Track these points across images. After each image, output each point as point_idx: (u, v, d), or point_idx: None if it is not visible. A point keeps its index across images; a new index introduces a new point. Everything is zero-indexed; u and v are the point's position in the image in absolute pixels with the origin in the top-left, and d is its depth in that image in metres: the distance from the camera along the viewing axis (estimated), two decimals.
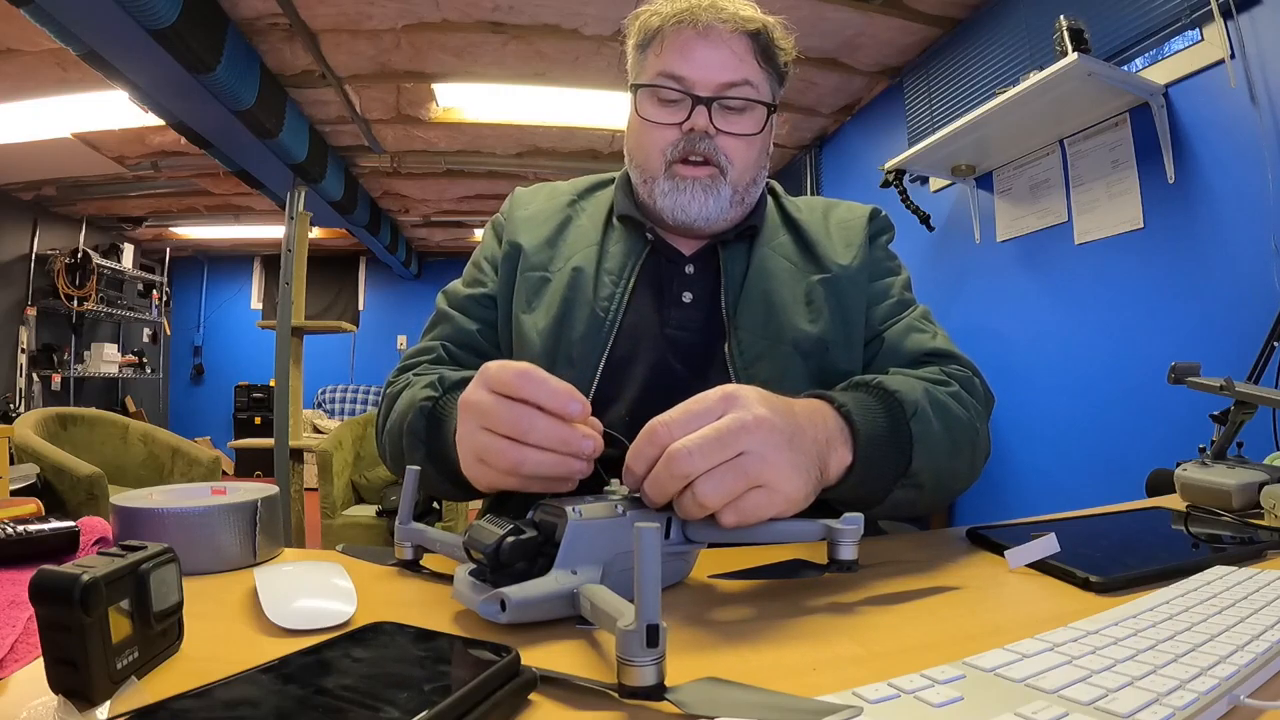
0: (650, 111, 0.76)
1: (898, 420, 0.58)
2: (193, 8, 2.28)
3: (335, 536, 2.66)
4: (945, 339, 0.77)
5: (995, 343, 2.56)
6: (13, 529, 0.51)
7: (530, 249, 0.81)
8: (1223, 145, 1.80)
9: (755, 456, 0.44)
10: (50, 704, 0.30)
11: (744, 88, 0.74)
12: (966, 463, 0.66)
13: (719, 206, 0.76)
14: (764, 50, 0.76)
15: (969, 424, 0.66)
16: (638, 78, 0.79)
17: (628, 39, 0.81)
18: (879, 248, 0.85)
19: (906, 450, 0.57)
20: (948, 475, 0.63)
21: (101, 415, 3.13)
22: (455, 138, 3.96)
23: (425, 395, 0.66)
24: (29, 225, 5.10)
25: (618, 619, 0.32)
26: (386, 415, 0.73)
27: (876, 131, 3.37)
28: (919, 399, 0.60)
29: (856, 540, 0.48)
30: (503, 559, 0.41)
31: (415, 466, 0.53)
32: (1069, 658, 0.32)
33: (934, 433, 0.60)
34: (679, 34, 0.74)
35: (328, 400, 6.70)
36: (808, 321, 0.75)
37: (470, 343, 0.80)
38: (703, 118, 0.73)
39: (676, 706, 0.30)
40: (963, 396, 0.68)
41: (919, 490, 0.59)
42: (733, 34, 0.74)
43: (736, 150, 0.75)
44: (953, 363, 0.74)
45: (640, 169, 0.79)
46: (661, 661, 0.31)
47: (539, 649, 0.38)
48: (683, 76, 0.74)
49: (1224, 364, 1.02)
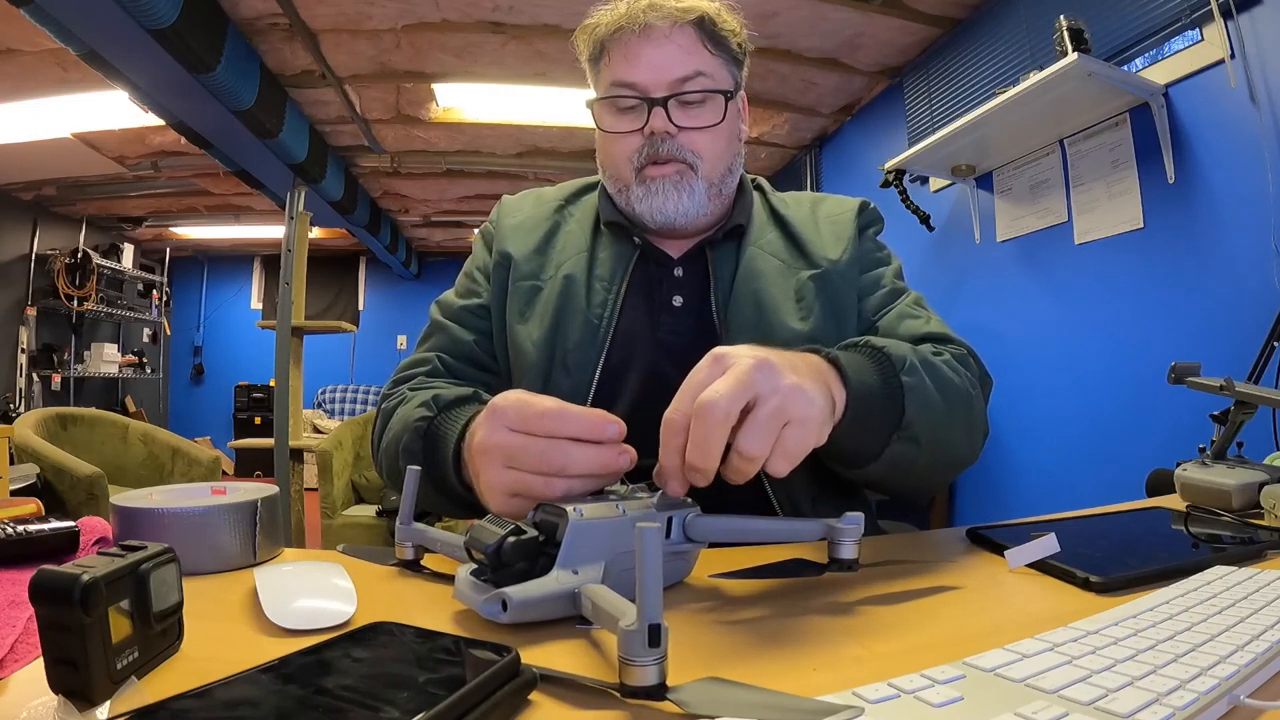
0: (609, 123, 0.76)
1: (887, 372, 0.57)
2: (193, 8, 2.28)
3: (335, 536, 2.66)
4: (940, 323, 0.77)
5: (995, 343, 2.56)
6: (13, 529, 0.51)
7: (520, 258, 0.80)
8: (1223, 145, 1.80)
9: (771, 392, 0.44)
10: (50, 704, 0.30)
11: (697, 79, 0.74)
12: (963, 428, 0.65)
13: (695, 202, 0.75)
14: (711, 36, 0.75)
15: (962, 388, 0.65)
16: (595, 92, 0.79)
17: (580, 55, 0.80)
18: (868, 239, 0.84)
19: (898, 399, 0.56)
20: (944, 434, 0.62)
21: (101, 415, 3.13)
22: (455, 138, 3.96)
23: (420, 415, 0.65)
24: (29, 225, 5.10)
25: (619, 619, 0.32)
26: (382, 431, 0.73)
27: (876, 131, 3.37)
28: (907, 354, 0.59)
29: (857, 539, 0.48)
30: (504, 559, 0.41)
31: (416, 467, 0.52)
32: (1069, 658, 0.32)
33: (926, 387, 0.59)
34: (621, 40, 0.74)
35: (328, 400, 6.70)
36: (798, 319, 0.75)
37: (467, 353, 0.79)
38: (660, 119, 0.73)
39: (678, 706, 0.30)
40: (955, 365, 0.67)
41: (916, 446, 0.58)
42: (673, 28, 0.73)
43: (702, 143, 0.75)
44: (949, 344, 0.74)
45: (613, 179, 0.79)
46: (663, 661, 0.31)
47: (539, 648, 0.38)
48: (633, 82, 0.73)
49: (1224, 364, 1.02)
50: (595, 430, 0.46)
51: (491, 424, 0.49)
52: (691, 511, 0.48)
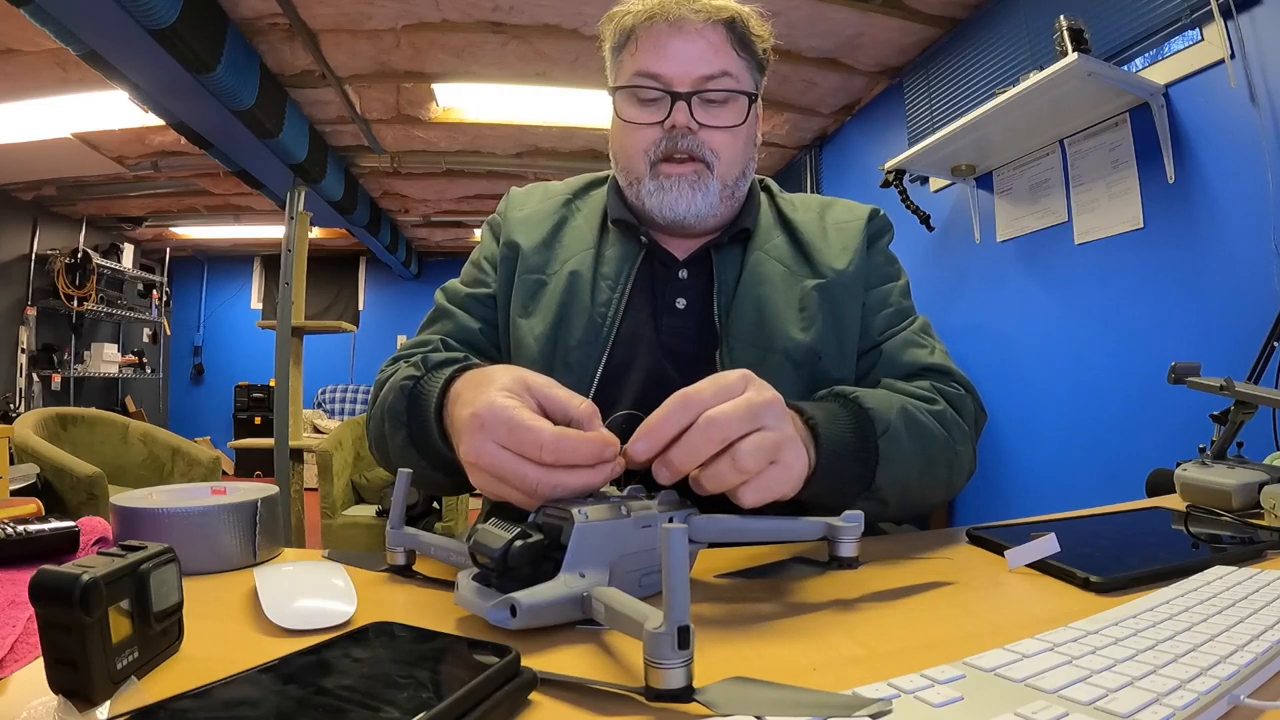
0: (630, 113, 0.75)
1: (867, 436, 0.58)
2: (193, 8, 2.28)
3: (335, 536, 2.66)
4: (943, 354, 0.77)
5: (995, 343, 2.56)
6: (13, 529, 0.51)
7: (528, 249, 0.80)
8: (1223, 145, 1.80)
9: (774, 432, 0.46)
10: (50, 704, 0.30)
11: (723, 79, 0.73)
12: (941, 482, 0.67)
13: (708, 202, 0.75)
14: (740, 39, 0.75)
15: (946, 444, 0.66)
16: (615, 80, 0.78)
17: (603, 43, 0.80)
18: (878, 251, 0.83)
19: (871, 466, 0.58)
20: (916, 493, 0.63)
21: (101, 415, 3.13)
22: (455, 138, 3.96)
23: (406, 374, 0.64)
24: (29, 225, 5.11)
25: (643, 621, 0.31)
26: (374, 401, 0.71)
27: (876, 131, 3.37)
28: (892, 418, 0.60)
29: (857, 537, 0.48)
30: (511, 563, 0.40)
31: (407, 470, 0.51)
32: (1069, 658, 0.32)
33: (904, 452, 0.60)
34: (652, 30, 0.73)
35: (328, 400, 6.70)
36: (800, 329, 0.74)
37: (471, 340, 0.79)
38: (683, 114, 0.72)
39: (707, 708, 0.29)
40: (947, 416, 0.68)
41: (883, 505, 0.60)
42: (706, 24, 0.73)
43: (721, 143, 0.74)
44: (948, 380, 0.74)
45: (625, 172, 0.78)
46: (691, 663, 0.30)
47: (539, 648, 0.38)
48: (659, 73, 0.73)
49: (1224, 364, 1.02)
50: (594, 458, 0.44)
51: (479, 437, 0.45)
52: (691, 512, 0.48)
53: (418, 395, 0.61)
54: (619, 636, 0.39)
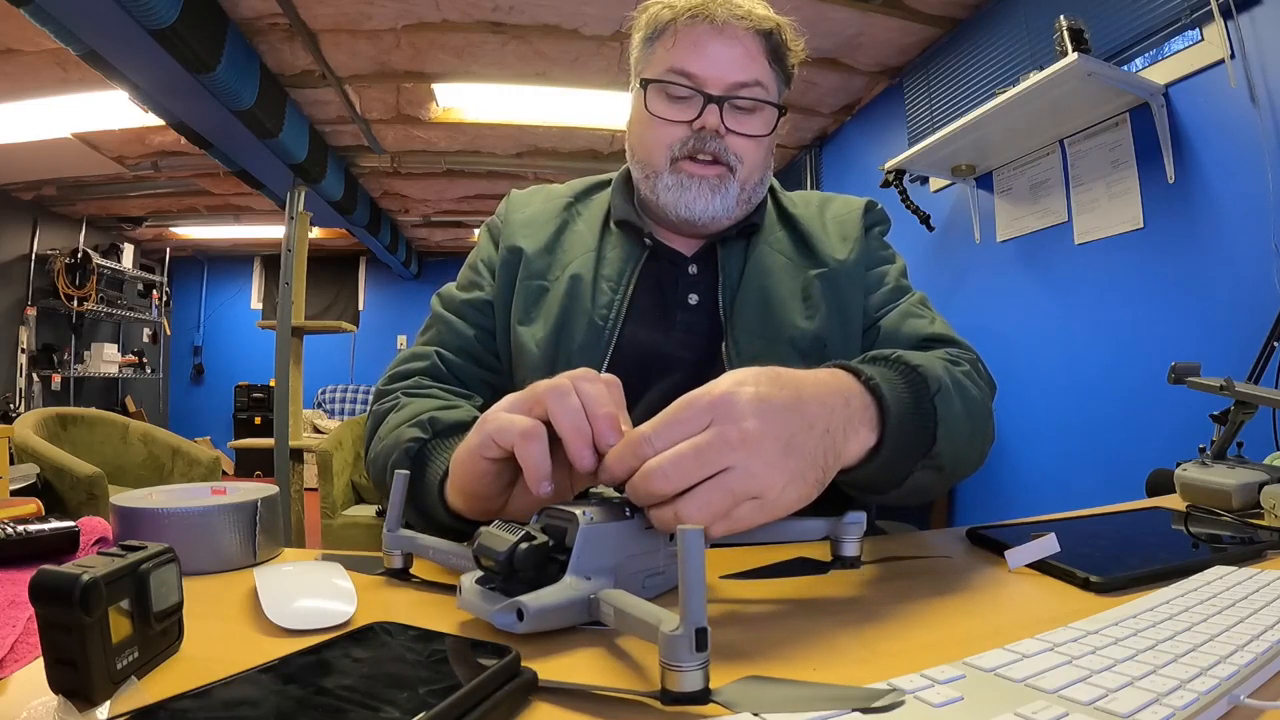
0: (659, 107, 0.75)
1: (921, 397, 0.53)
2: (193, 8, 2.28)
3: (335, 536, 2.65)
4: (944, 324, 0.76)
5: (995, 343, 2.56)
6: (13, 529, 0.51)
7: (531, 253, 0.79)
8: (1223, 145, 1.80)
9: (742, 473, 0.40)
10: (50, 704, 0.30)
11: (755, 88, 0.74)
12: (979, 446, 0.64)
13: (726, 206, 0.75)
14: (775, 51, 0.75)
15: (984, 404, 0.64)
16: (645, 71, 0.77)
17: (634, 32, 0.79)
18: (874, 238, 0.84)
19: (931, 428, 0.53)
20: (964, 457, 0.60)
21: (101, 415, 3.13)
22: (455, 138, 3.96)
23: (412, 437, 0.62)
24: (29, 225, 5.11)
25: (658, 624, 0.31)
26: (373, 435, 0.70)
27: (876, 131, 3.37)
28: (941, 375, 0.56)
29: (859, 537, 0.48)
30: (516, 566, 0.39)
31: (404, 471, 0.51)
32: (1069, 658, 0.32)
33: (956, 412, 0.56)
34: (693, 28, 0.73)
35: (328, 400, 6.70)
36: (804, 318, 0.75)
37: (466, 348, 0.78)
38: (714, 117, 0.72)
39: (726, 708, 0.29)
40: (975, 377, 0.66)
41: (939, 473, 0.55)
42: (747, 32, 0.73)
43: (746, 150, 0.75)
44: (953, 347, 0.73)
45: (643, 164, 0.77)
46: (708, 665, 0.30)
47: (543, 653, 0.38)
48: (694, 73, 0.73)
49: (1224, 364, 1.02)
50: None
51: (563, 385, 0.48)
52: None
53: (422, 462, 0.61)
54: (623, 637, 0.39)
